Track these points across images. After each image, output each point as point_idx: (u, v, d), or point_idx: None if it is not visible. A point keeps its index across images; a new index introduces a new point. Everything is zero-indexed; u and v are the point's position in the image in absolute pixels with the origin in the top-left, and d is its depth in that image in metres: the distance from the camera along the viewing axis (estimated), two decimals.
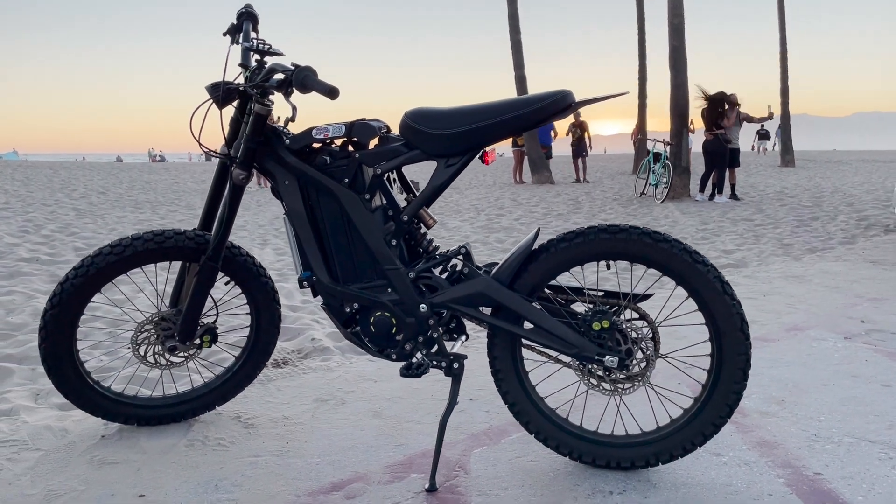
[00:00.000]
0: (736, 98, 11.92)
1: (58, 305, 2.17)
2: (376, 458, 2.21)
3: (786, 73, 25.76)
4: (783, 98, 25.85)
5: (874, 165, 26.24)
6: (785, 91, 25.73)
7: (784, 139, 26.23)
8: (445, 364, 2.10)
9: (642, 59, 22.00)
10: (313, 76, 1.89)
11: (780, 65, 25.97)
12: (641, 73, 21.92)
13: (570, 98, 1.96)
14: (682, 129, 12.65)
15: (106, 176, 21.32)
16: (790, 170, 23.26)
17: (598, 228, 1.98)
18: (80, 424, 2.46)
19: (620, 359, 1.99)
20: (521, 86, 18.07)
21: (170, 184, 18.45)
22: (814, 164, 27.65)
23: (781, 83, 25.72)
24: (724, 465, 2.14)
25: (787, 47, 25.49)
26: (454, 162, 2.04)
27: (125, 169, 27.59)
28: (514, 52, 18.15)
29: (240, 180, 2.14)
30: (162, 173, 24.26)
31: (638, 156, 22.23)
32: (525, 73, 18.06)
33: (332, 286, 2.13)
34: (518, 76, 18.06)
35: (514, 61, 18.14)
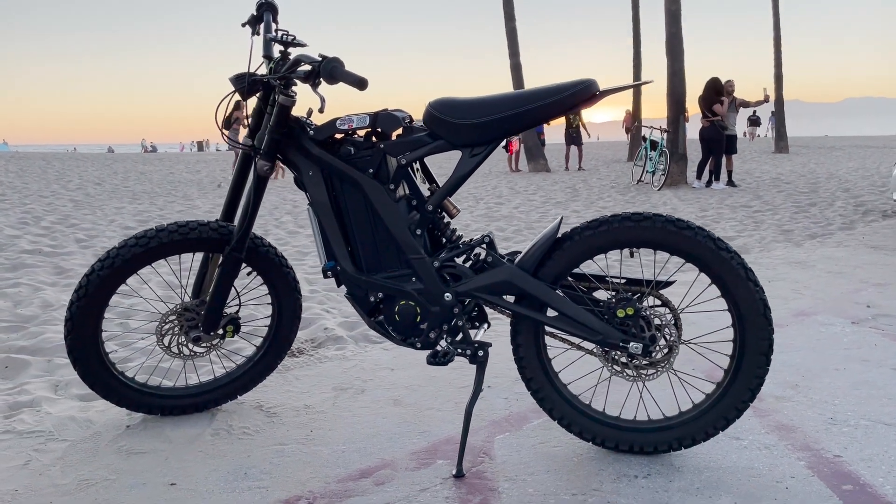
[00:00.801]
0: (732, 86, 11.95)
1: (84, 297, 2.18)
2: (401, 446, 2.24)
3: (779, 60, 25.78)
4: (777, 84, 25.87)
5: (867, 151, 26.34)
6: (779, 77, 25.76)
7: (778, 126, 26.29)
8: (470, 352, 2.12)
9: (637, 47, 22.00)
10: (341, 67, 1.90)
11: (773, 51, 26.00)
12: (636, 60, 21.93)
13: (596, 87, 1.98)
14: (679, 116, 12.67)
15: (100, 167, 21.23)
16: (784, 156, 23.33)
17: (622, 216, 2.00)
18: (103, 415, 2.48)
19: (644, 345, 2.01)
20: (516, 74, 18.06)
21: (165, 174, 18.38)
22: (807, 150, 27.74)
23: (775, 69, 25.75)
24: (744, 449, 2.17)
25: (780, 33, 25.51)
26: (479, 151, 2.05)
27: (118, 160, 27.47)
28: (509, 39, 18.12)
29: (264, 171, 2.15)
30: (156, 164, 24.17)
31: (633, 143, 22.26)
32: (520, 60, 18.03)
33: (356, 276, 2.14)
34: (513, 64, 18.04)
35: (509, 49, 18.11)
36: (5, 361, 3.15)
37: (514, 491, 1.95)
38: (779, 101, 25.78)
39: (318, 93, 1.95)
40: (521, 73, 18.04)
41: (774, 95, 25.79)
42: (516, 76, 18.08)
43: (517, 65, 18.03)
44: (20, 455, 2.18)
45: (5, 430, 2.34)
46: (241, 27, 2.37)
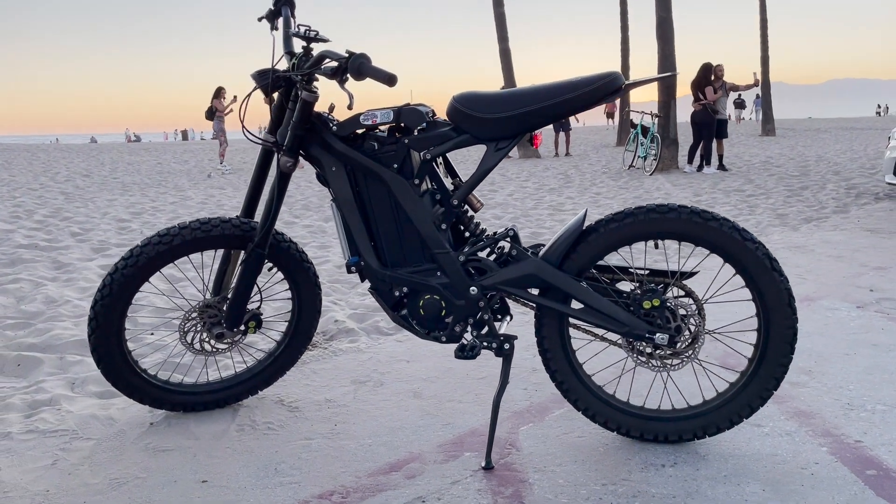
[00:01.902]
0: (722, 70, 11.99)
1: (108, 296, 2.18)
2: (426, 438, 2.25)
3: (766, 43, 25.85)
4: (763, 67, 25.95)
5: (852, 133, 26.52)
6: (765, 60, 25.84)
7: (765, 108, 26.41)
8: (496, 345, 2.13)
9: (624, 31, 21.99)
10: (369, 63, 1.90)
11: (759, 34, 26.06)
12: (624, 45, 21.92)
13: (621, 80, 1.99)
14: (671, 100, 12.70)
15: (86, 158, 21.05)
16: (771, 139, 23.45)
17: (648, 208, 2.02)
18: (125, 412, 2.48)
19: (670, 336, 2.03)
20: (505, 59, 18.01)
21: (153, 165, 18.24)
22: (793, 132, 27.90)
23: (762, 52, 25.83)
24: (766, 436, 2.20)
25: (766, 16, 25.57)
26: (504, 145, 2.06)
27: (104, 150, 27.23)
28: (497, 25, 18.06)
29: (287, 167, 2.15)
30: (143, 154, 23.98)
31: (622, 128, 22.30)
32: (509, 46, 17.99)
33: (381, 271, 2.15)
34: (502, 49, 17.99)
35: (497, 34, 18.05)
36: (17, 359, 3.13)
37: (544, 482, 1.97)
38: (765, 83, 25.87)
39: (346, 89, 1.95)
40: (510, 58, 18.00)
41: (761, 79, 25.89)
42: (505, 61, 18.04)
43: (506, 50, 17.98)
44: (46, 455, 2.18)
45: (28, 430, 2.34)
46: (258, 21, 2.36)
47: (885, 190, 8.90)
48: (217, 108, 15.87)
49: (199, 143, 38.70)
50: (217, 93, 16.01)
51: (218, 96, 15.96)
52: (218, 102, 15.91)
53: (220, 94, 15.97)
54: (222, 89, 16.07)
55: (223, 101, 15.99)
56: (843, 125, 35.65)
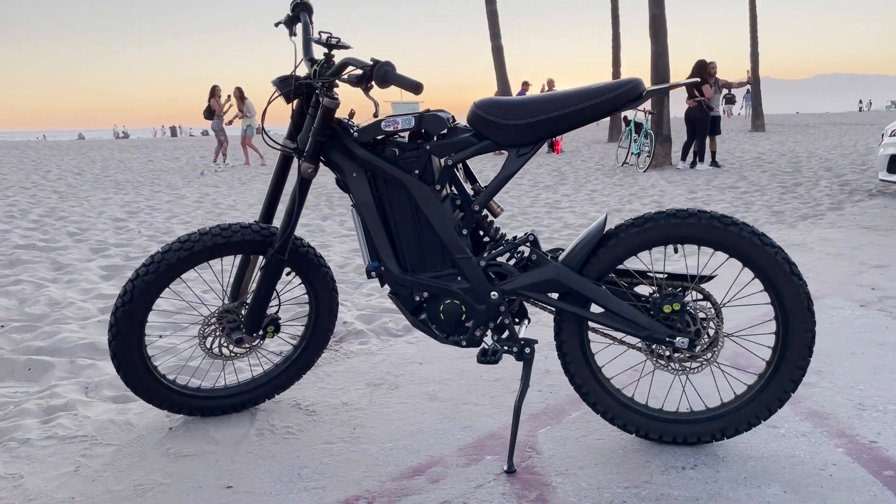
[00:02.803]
0: (715, 67, 12.04)
1: (129, 302, 2.18)
2: (446, 442, 2.27)
3: (756, 39, 25.96)
4: (753, 62, 26.07)
5: (841, 129, 26.69)
6: (755, 56, 25.94)
7: (755, 104, 26.52)
8: (517, 349, 2.15)
9: (615, 28, 22.03)
10: (394, 71, 1.90)
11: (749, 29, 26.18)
12: (615, 42, 21.97)
13: (642, 87, 2.00)
14: (663, 97, 12.73)
15: (76, 156, 20.91)
16: (761, 135, 23.57)
17: (668, 213, 2.04)
18: (142, 417, 2.48)
19: (690, 339, 2.06)
20: (497, 55, 18.02)
21: (144, 162, 18.14)
22: (783, 128, 28.05)
23: (751, 48, 25.93)
24: (782, 437, 2.23)
25: (756, 12, 25.69)
26: (525, 151, 2.07)
27: (93, 147, 27.06)
28: (490, 21, 18.06)
29: (308, 173, 2.15)
30: (133, 151, 23.84)
31: (613, 125, 22.35)
32: (502, 42, 17.99)
33: (401, 276, 2.16)
34: (495, 46, 18.00)
35: (490, 31, 18.06)
36: (27, 364, 3.12)
37: (567, 485, 1.99)
38: (755, 79, 25.98)
39: (371, 97, 1.95)
40: (503, 54, 18.00)
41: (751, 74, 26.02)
42: (498, 58, 18.04)
43: (498, 47, 17.99)
44: (68, 461, 2.18)
45: (47, 436, 2.34)
46: (275, 27, 2.36)
47: (879, 186, 8.97)
48: (215, 107, 15.89)
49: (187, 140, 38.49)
50: (213, 92, 16.02)
51: (214, 95, 15.97)
52: (215, 102, 15.93)
53: (217, 93, 15.97)
54: (218, 88, 16.06)
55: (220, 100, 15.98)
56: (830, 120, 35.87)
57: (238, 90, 16.14)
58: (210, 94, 16.03)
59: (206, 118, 16.30)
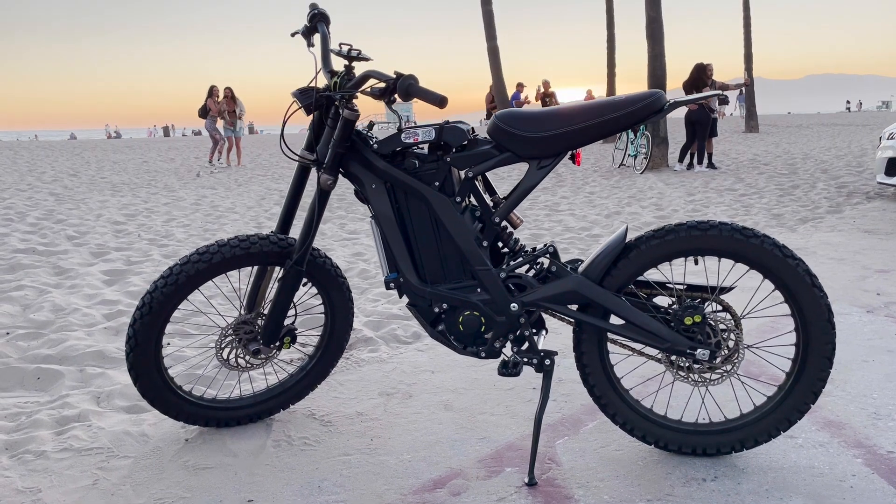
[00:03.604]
0: (712, 69, 12.07)
1: (148, 314, 2.17)
2: (465, 453, 2.26)
3: (749, 39, 26.03)
4: (747, 63, 26.13)
5: (834, 129, 26.80)
6: (749, 57, 26.00)
7: (748, 105, 26.60)
8: (537, 361, 2.15)
9: (610, 29, 22.06)
10: (417, 84, 1.90)
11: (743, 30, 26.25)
12: (610, 43, 22.00)
13: (664, 100, 2.00)
14: None
15: (71, 157, 20.82)
16: (756, 136, 23.64)
17: (689, 225, 2.04)
18: (157, 428, 2.47)
19: (711, 351, 2.06)
20: (493, 57, 18.01)
21: (139, 163, 18.07)
22: (776, 129, 28.14)
23: (745, 49, 25.99)
24: (800, 448, 2.24)
25: (750, 13, 25.77)
26: (546, 164, 2.07)
27: (87, 148, 26.94)
28: (485, 22, 18.06)
29: (327, 185, 2.15)
30: (127, 152, 23.74)
31: None
32: (497, 44, 17.99)
33: (420, 287, 2.16)
34: (490, 47, 18.00)
35: (486, 32, 18.06)
36: (36, 372, 3.10)
37: (589, 498, 1.99)
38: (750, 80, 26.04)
39: (394, 110, 1.95)
40: (499, 56, 18.01)
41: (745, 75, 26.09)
42: (493, 59, 18.04)
43: (494, 48, 17.99)
44: (85, 475, 2.17)
45: (63, 448, 2.32)
46: (291, 37, 2.36)
47: (876, 189, 9.01)
48: (211, 107, 15.83)
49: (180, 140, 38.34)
50: (210, 92, 15.97)
51: (211, 95, 15.92)
52: (212, 102, 15.88)
53: (214, 94, 15.92)
54: (215, 88, 16.01)
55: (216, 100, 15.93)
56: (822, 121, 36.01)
57: (228, 90, 16.06)
58: (207, 94, 15.99)
59: (200, 117, 16.24)
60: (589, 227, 7.19)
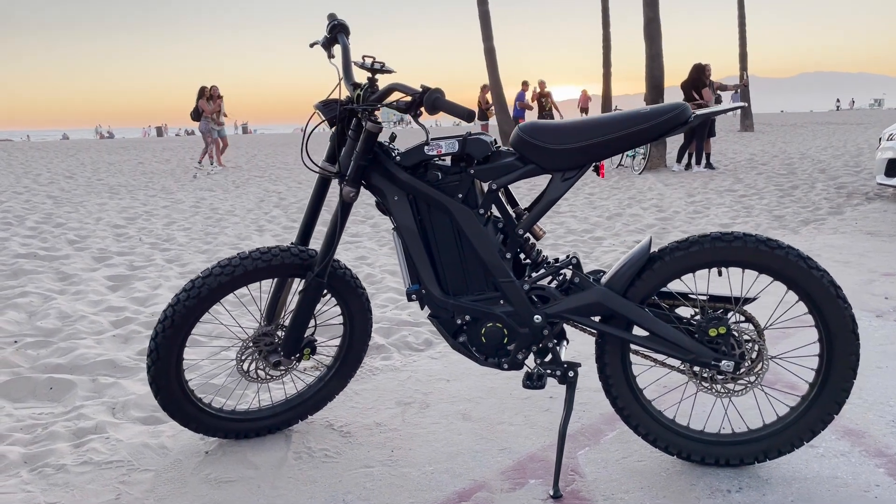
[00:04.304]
0: (709, 70, 12.10)
1: (170, 327, 2.16)
2: (487, 465, 2.26)
3: (744, 38, 26.10)
4: (742, 63, 26.21)
5: (828, 128, 26.90)
6: (744, 56, 26.08)
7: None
8: (560, 372, 2.15)
9: (606, 28, 22.09)
10: (444, 98, 1.90)
11: (738, 30, 26.32)
12: (605, 43, 22.02)
13: (688, 112, 2.00)
14: (659, 99, 12.79)
15: (66, 158, 20.74)
16: (751, 135, 23.71)
17: (713, 237, 2.04)
18: (176, 440, 2.46)
19: (736, 363, 2.06)
20: (490, 58, 18.00)
21: (134, 165, 18.01)
22: (771, 127, 28.23)
23: (740, 48, 26.07)
24: (822, 457, 2.24)
25: (745, 12, 25.83)
26: (570, 175, 2.07)
27: (80, 148, 26.84)
28: (482, 23, 18.05)
29: (350, 197, 2.14)
30: (122, 153, 23.66)
31: None
32: (494, 45, 17.99)
33: (443, 299, 2.15)
34: (487, 48, 17.99)
35: (482, 33, 18.04)
36: (48, 382, 3.09)
37: None
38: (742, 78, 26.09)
39: (420, 123, 1.94)
40: (495, 57, 18.00)
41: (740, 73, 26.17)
42: (490, 59, 18.03)
43: (491, 49, 17.98)
44: (107, 489, 2.15)
45: (83, 462, 2.31)
46: (310, 47, 2.35)
47: (876, 189, 9.04)
48: (203, 108, 15.68)
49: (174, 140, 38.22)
50: (201, 93, 15.82)
51: (202, 96, 15.78)
52: (203, 103, 15.72)
53: (205, 94, 15.78)
54: (206, 88, 15.87)
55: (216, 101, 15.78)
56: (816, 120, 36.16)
57: (215, 89, 15.85)
58: (199, 95, 15.81)
59: (192, 119, 16.06)
60: (591, 228, 7.19)
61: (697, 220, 7.50)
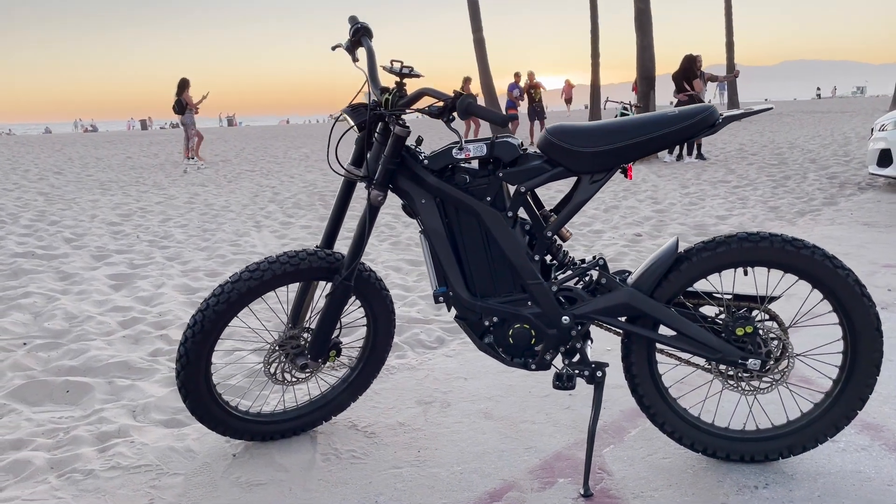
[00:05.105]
0: (700, 61, 12.14)
1: (200, 333, 2.16)
2: (514, 464, 2.28)
3: (731, 28, 26.26)
4: (729, 52, 26.39)
5: (814, 117, 27.06)
6: (730, 45, 26.25)
7: (730, 93, 26.82)
8: (588, 372, 2.17)
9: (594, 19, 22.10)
10: (476, 103, 1.91)
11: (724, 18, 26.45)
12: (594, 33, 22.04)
13: (717, 115, 2.02)
14: (650, 90, 12.84)
15: (51, 153, 20.55)
16: (738, 124, 23.81)
17: (740, 237, 2.06)
18: (202, 443, 2.46)
19: (763, 361, 2.09)
20: (479, 48, 17.98)
21: (122, 159, 17.88)
22: (757, 116, 28.35)
23: (727, 37, 26.23)
24: (843, 452, 2.28)
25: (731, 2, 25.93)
26: (598, 178, 2.09)
27: (65, 143, 26.59)
28: (471, 13, 18.02)
29: (378, 201, 2.15)
30: (108, 147, 23.47)
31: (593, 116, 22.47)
32: (483, 35, 17.97)
33: (471, 301, 2.17)
34: (476, 39, 17.97)
35: (471, 24, 18.02)
36: (64, 385, 3.08)
37: None
38: (730, 68, 26.27)
39: (453, 128, 1.95)
40: (485, 47, 17.98)
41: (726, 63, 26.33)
42: (479, 50, 18.01)
43: (480, 39, 17.96)
44: (139, 493, 2.16)
45: (111, 466, 2.32)
46: (332, 50, 2.35)
47: (867, 179, 9.13)
48: (188, 101, 15.43)
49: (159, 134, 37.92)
50: (183, 85, 15.41)
51: (186, 88, 15.38)
52: (187, 96, 15.42)
53: (187, 87, 15.38)
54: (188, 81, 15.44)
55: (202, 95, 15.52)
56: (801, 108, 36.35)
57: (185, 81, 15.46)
58: (180, 88, 15.41)
59: (175, 112, 15.69)
60: (589, 221, 7.23)
61: (694, 211, 7.55)
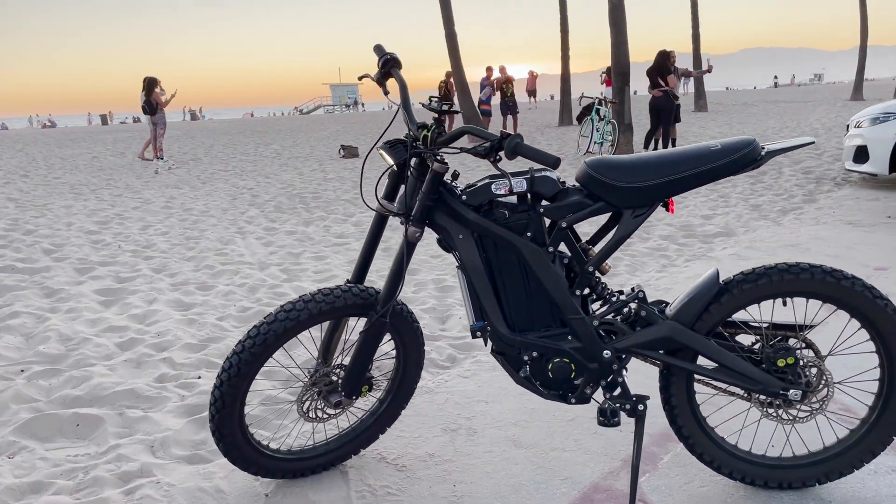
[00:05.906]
0: (674, 56, 12.23)
1: (236, 376, 2.11)
2: (553, 497, 2.27)
3: (696, 18, 26.46)
4: (695, 43, 26.60)
5: (778, 107, 27.46)
6: (696, 37, 26.46)
7: (697, 84, 27.05)
8: (629, 406, 2.16)
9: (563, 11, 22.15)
10: (524, 143, 1.87)
11: (690, 9, 26.66)
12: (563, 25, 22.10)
13: (759, 149, 2.02)
14: (625, 86, 12.90)
15: (13, 153, 20.01)
16: (705, 115, 24.07)
17: (780, 269, 2.07)
18: (231, 482, 2.41)
19: (803, 391, 2.10)
20: (451, 43, 17.90)
21: (89, 159, 17.48)
22: (723, 107, 28.71)
23: (693, 29, 26.43)
24: (876, 474, 2.30)
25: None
26: (641, 212, 2.07)
27: (28, 142, 25.91)
28: (442, 7, 17.92)
29: (415, 237, 2.11)
30: (72, 146, 22.92)
31: (563, 109, 22.55)
32: (455, 29, 17.88)
33: (510, 336, 2.15)
34: (448, 33, 17.87)
35: (443, 17, 17.92)
36: (73, 419, 3.00)
37: None
38: (696, 59, 26.51)
39: (500, 168, 1.92)
40: (457, 41, 17.90)
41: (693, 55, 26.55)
42: (451, 45, 17.93)
43: (452, 33, 17.87)
44: None
45: None
46: (359, 80, 2.30)
47: (842, 175, 9.28)
48: (158, 100, 15.01)
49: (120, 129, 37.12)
50: (151, 85, 14.85)
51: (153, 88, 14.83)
52: (156, 95, 14.95)
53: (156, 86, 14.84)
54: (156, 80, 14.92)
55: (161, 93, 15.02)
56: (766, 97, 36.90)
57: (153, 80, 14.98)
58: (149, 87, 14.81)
59: (145, 113, 15.10)
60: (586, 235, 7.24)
61: (678, 210, 7.61)
